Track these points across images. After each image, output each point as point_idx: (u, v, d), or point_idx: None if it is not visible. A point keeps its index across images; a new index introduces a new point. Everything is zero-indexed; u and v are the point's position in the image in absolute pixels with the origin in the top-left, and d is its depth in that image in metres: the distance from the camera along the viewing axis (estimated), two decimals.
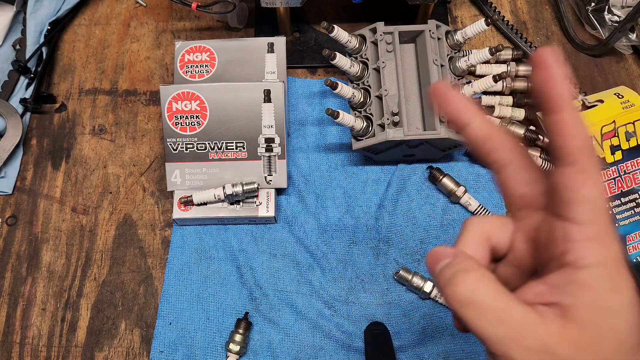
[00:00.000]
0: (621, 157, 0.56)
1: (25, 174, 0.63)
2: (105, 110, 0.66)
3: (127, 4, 0.72)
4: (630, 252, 0.54)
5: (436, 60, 0.55)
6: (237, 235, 0.59)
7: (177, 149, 0.58)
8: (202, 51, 0.61)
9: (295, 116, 0.64)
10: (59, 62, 0.69)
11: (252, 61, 0.61)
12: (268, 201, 0.58)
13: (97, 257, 0.59)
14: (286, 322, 0.56)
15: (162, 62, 0.68)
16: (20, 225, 0.60)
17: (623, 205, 0.55)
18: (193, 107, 0.57)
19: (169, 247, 0.59)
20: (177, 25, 0.71)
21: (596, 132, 0.56)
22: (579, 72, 0.67)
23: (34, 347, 0.55)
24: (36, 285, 0.58)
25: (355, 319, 0.56)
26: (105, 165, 0.63)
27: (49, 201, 0.61)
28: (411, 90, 0.58)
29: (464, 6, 0.71)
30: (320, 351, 0.54)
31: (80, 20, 0.71)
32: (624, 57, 0.68)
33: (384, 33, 0.57)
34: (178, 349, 0.55)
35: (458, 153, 0.62)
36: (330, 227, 0.59)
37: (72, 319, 0.56)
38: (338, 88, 0.55)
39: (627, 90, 0.60)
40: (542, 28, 0.70)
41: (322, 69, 0.68)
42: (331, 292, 0.57)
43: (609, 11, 0.66)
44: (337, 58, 0.56)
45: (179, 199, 0.58)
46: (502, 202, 0.60)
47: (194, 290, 0.57)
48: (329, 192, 0.61)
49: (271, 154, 0.58)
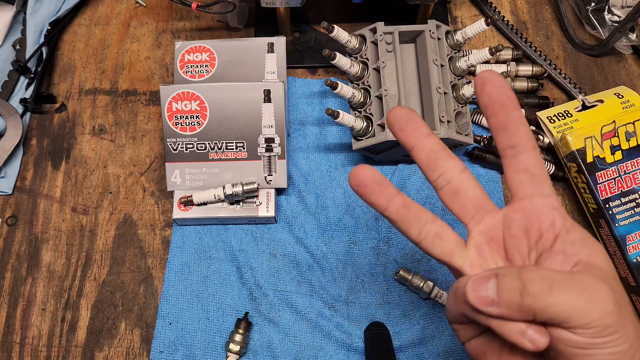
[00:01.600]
0: (621, 157, 0.56)
1: (25, 174, 0.63)
2: (105, 110, 0.66)
3: (127, 4, 0.72)
4: (629, 252, 0.54)
5: (436, 60, 0.55)
6: (237, 235, 0.59)
7: (177, 149, 0.58)
8: (202, 51, 0.61)
9: (295, 116, 0.64)
10: (59, 62, 0.69)
11: (252, 61, 0.61)
12: (268, 201, 0.58)
13: (97, 257, 0.59)
14: (286, 322, 0.56)
15: (162, 62, 0.68)
16: (20, 225, 0.60)
17: (623, 205, 0.55)
18: (193, 107, 0.57)
19: (169, 247, 0.59)
20: (177, 25, 0.71)
21: (596, 132, 0.56)
22: (579, 72, 0.67)
23: (34, 347, 0.55)
24: (36, 285, 0.58)
25: (355, 319, 0.56)
26: (105, 165, 0.63)
27: (49, 201, 0.61)
28: (411, 90, 0.58)
29: (464, 6, 0.71)
30: (320, 351, 0.54)
31: (80, 20, 0.71)
32: (624, 57, 0.68)
33: (384, 33, 0.57)
34: (178, 349, 0.55)
35: (458, 153, 0.62)
36: (330, 227, 0.59)
37: (72, 319, 0.56)
38: (338, 88, 0.55)
39: (627, 90, 0.60)
40: (542, 28, 0.70)
41: (322, 69, 0.68)
42: (331, 292, 0.57)
43: (609, 11, 0.66)
44: (337, 58, 0.56)
45: (179, 199, 0.58)
46: (502, 201, 0.60)
47: (194, 290, 0.57)
48: (329, 192, 0.61)
49: (271, 154, 0.58)
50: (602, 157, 0.56)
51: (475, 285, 0.28)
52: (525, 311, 0.26)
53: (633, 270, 0.54)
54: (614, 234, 0.54)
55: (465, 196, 0.33)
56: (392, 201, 0.33)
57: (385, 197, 0.33)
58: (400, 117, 0.33)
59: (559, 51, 0.69)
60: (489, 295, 0.27)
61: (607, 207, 0.55)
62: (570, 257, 0.29)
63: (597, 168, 0.56)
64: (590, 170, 0.56)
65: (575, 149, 0.56)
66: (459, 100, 0.57)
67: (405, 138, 0.33)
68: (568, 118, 0.59)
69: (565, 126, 0.58)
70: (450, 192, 0.33)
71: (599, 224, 0.56)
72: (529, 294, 0.26)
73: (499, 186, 0.61)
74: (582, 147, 0.56)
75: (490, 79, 0.31)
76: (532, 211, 0.31)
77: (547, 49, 0.69)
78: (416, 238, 0.33)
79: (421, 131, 0.33)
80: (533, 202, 0.31)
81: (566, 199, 0.61)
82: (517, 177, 0.32)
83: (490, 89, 0.31)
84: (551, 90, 0.66)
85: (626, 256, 0.54)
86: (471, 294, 0.28)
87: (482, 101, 0.32)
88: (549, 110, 0.60)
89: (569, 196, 0.61)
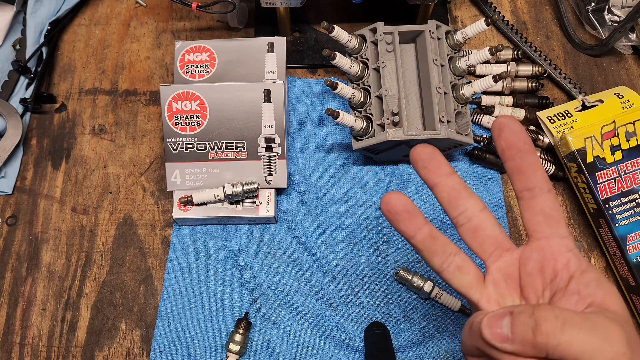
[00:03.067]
0: (621, 157, 0.56)
1: (25, 174, 0.63)
2: (105, 110, 0.66)
3: (127, 4, 0.72)
4: (630, 252, 0.54)
5: (436, 60, 0.55)
6: (237, 235, 0.59)
7: (177, 149, 0.58)
8: (202, 51, 0.61)
9: (295, 116, 0.64)
10: (59, 62, 0.69)
11: (252, 61, 0.61)
12: (268, 201, 0.58)
13: (97, 257, 0.59)
14: (286, 322, 0.56)
15: (162, 62, 0.68)
16: (20, 225, 0.60)
17: (623, 205, 0.55)
18: (193, 107, 0.57)
19: (169, 247, 0.59)
20: (177, 25, 0.71)
21: (596, 132, 0.56)
22: (579, 72, 0.67)
23: (34, 347, 0.55)
24: (36, 285, 0.58)
25: (355, 319, 0.56)
26: (105, 165, 0.63)
27: (49, 201, 0.61)
28: (411, 90, 0.58)
29: (464, 6, 0.71)
30: (320, 351, 0.54)
31: (80, 20, 0.71)
32: (624, 57, 0.68)
33: (384, 33, 0.57)
34: (178, 349, 0.55)
35: (458, 153, 0.62)
36: (330, 227, 0.59)
37: (72, 319, 0.56)
38: (338, 88, 0.55)
39: (627, 90, 0.60)
40: (542, 28, 0.70)
41: (322, 69, 0.68)
42: (331, 292, 0.57)
43: (609, 11, 0.65)
44: (337, 58, 0.56)
45: (179, 199, 0.58)
46: (502, 201, 0.60)
47: (194, 290, 0.57)
48: (329, 192, 0.61)
49: (271, 154, 0.58)
50: (602, 157, 0.56)
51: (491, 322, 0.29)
52: (538, 348, 0.27)
53: (633, 270, 0.54)
54: (614, 234, 0.54)
55: (484, 234, 0.34)
56: (420, 231, 0.34)
57: (413, 226, 0.34)
58: (424, 154, 0.35)
59: (559, 51, 0.69)
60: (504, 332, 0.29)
61: (607, 207, 0.55)
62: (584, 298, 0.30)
63: (597, 168, 0.56)
64: (590, 170, 0.56)
65: (575, 149, 0.56)
66: (459, 100, 0.57)
67: (428, 175, 0.35)
68: (568, 118, 0.59)
69: (565, 126, 0.58)
70: (471, 230, 0.34)
71: (599, 224, 0.56)
72: (542, 332, 0.27)
73: (499, 186, 0.61)
74: (582, 147, 0.56)
75: (508, 124, 0.32)
76: (548, 251, 0.32)
77: (547, 49, 0.69)
78: (438, 268, 0.34)
79: (443, 169, 0.34)
80: (549, 243, 0.32)
81: (566, 199, 0.61)
82: (534, 219, 0.33)
83: (508, 134, 0.32)
84: (551, 90, 0.66)
85: (626, 256, 0.54)
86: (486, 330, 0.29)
87: (500, 145, 0.33)
88: (549, 110, 0.60)
89: (569, 196, 0.61)
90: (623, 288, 0.56)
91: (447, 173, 0.34)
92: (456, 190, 0.34)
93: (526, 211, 0.33)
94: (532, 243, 0.33)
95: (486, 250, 0.34)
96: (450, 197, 0.34)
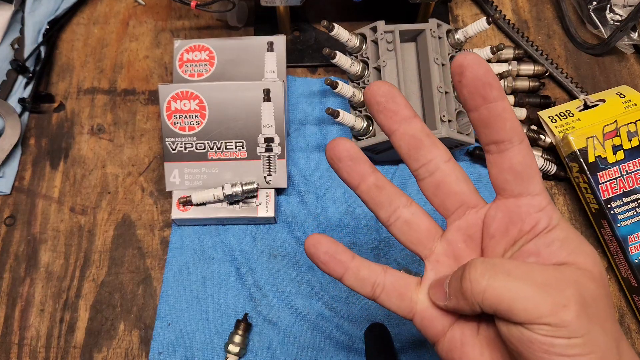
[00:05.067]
0: (623, 157, 0.56)
1: (23, 174, 0.62)
2: (103, 110, 0.66)
3: (125, 2, 0.72)
4: (631, 252, 0.54)
5: (437, 59, 0.55)
6: (237, 236, 0.59)
7: (176, 149, 0.58)
8: (201, 50, 0.61)
9: (295, 115, 0.64)
10: (57, 61, 0.68)
11: (251, 60, 0.61)
12: (268, 201, 0.57)
13: (96, 258, 0.59)
14: (286, 323, 0.55)
15: (161, 61, 0.68)
16: (18, 226, 0.60)
17: (625, 206, 0.55)
18: (192, 107, 0.57)
19: (168, 248, 0.58)
20: (176, 24, 0.70)
21: (598, 131, 0.56)
22: (580, 72, 0.67)
23: (32, 348, 0.55)
24: (34, 286, 0.57)
25: (355, 320, 0.55)
26: (103, 165, 0.63)
27: (47, 201, 0.61)
28: (412, 90, 0.57)
29: (465, 5, 0.71)
30: (320, 352, 0.54)
31: (79, 19, 0.71)
32: (626, 56, 0.68)
33: (384, 32, 0.57)
34: (177, 350, 0.54)
35: (459, 153, 0.62)
36: (330, 227, 0.59)
37: (71, 319, 0.56)
38: (338, 87, 0.55)
39: (629, 89, 0.60)
40: (543, 27, 0.70)
41: (322, 68, 0.67)
42: (331, 293, 0.57)
43: (610, 10, 0.65)
44: (338, 57, 0.56)
45: (177, 199, 0.57)
46: None
47: (193, 291, 0.57)
48: (329, 192, 0.61)
49: (271, 153, 0.58)
50: (603, 157, 0.55)
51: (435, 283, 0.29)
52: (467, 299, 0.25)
53: (635, 271, 0.53)
54: (616, 234, 0.54)
55: (447, 190, 0.30)
56: (365, 179, 0.30)
57: (357, 174, 0.30)
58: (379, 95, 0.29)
59: (561, 50, 0.68)
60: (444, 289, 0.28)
61: (609, 207, 0.54)
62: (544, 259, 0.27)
63: (599, 168, 0.55)
64: (592, 170, 0.55)
65: (576, 149, 0.56)
66: None
67: (385, 121, 0.29)
68: (570, 117, 0.58)
69: (566, 126, 0.58)
70: (432, 184, 0.30)
71: (600, 224, 0.56)
72: (466, 279, 0.25)
73: None
74: (583, 146, 0.56)
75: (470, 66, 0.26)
76: (515, 212, 0.28)
77: (549, 48, 0.69)
78: (385, 222, 0.31)
79: (403, 113, 0.29)
80: (518, 203, 0.28)
81: (568, 199, 0.61)
82: (501, 176, 0.29)
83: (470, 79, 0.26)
84: (553, 89, 0.66)
85: (628, 257, 0.54)
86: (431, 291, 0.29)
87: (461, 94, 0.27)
88: (550, 109, 0.60)
89: (570, 196, 0.61)
90: (625, 288, 0.56)
91: (407, 117, 0.29)
92: (417, 139, 0.29)
93: (493, 167, 0.29)
94: (499, 201, 0.29)
95: (448, 208, 0.31)
96: (409, 147, 0.30)
